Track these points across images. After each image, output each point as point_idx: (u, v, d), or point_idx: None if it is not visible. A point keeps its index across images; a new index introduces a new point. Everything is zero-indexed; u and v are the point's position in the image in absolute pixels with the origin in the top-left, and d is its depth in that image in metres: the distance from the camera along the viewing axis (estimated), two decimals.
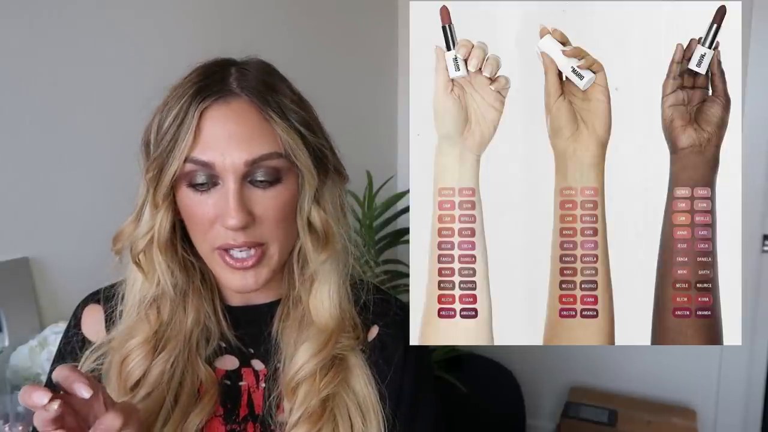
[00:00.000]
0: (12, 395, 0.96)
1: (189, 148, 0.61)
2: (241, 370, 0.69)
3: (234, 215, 0.60)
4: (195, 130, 0.61)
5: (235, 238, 0.62)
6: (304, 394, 0.65)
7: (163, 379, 0.65)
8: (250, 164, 0.61)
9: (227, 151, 0.61)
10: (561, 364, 2.32)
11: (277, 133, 0.63)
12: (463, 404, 1.80)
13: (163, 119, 0.63)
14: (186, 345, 0.67)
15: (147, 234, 0.65)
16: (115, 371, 0.65)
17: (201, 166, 0.61)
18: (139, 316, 0.67)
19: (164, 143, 0.62)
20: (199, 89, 0.62)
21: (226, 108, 0.62)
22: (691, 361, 2.16)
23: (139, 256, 0.66)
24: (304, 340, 0.67)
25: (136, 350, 0.65)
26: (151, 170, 0.63)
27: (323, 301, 0.68)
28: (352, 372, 0.67)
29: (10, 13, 1.05)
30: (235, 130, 0.61)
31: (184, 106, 0.62)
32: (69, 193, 1.16)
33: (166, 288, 0.67)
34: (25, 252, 1.10)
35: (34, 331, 1.07)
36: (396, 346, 0.70)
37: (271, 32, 1.65)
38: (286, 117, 0.64)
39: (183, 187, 0.63)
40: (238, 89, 0.63)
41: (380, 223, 1.89)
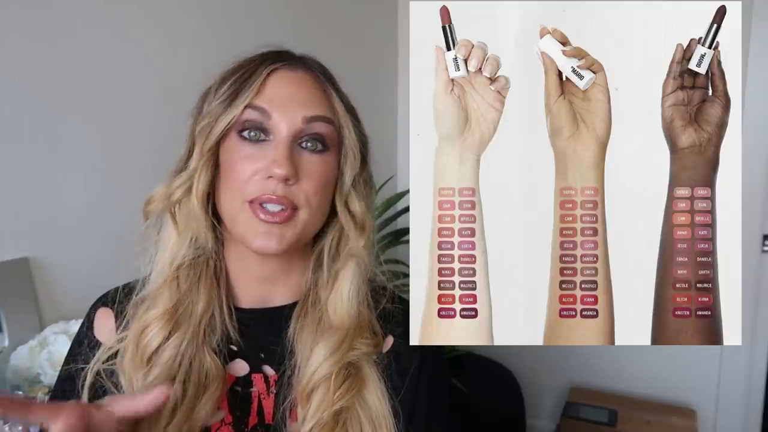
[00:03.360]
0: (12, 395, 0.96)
1: (252, 97, 0.64)
2: (251, 376, 0.68)
3: (282, 164, 0.62)
4: (261, 84, 0.65)
5: (275, 190, 0.62)
6: (318, 403, 0.64)
7: (174, 363, 0.64)
8: (307, 121, 0.64)
9: (286, 105, 0.64)
10: (561, 364, 2.32)
11: (333, 105, 0.67)
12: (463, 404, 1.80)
13: (224, 81, 0.66)
14: (195, 332, 0.66)
15: (186, 183, 0.66)
16: (132, 343, 0.65)
17: (259, 113, 0.64)
18: (164, 282, 0.67)
19: (226, 93, 0.65)
20: (268, 56, 0.67)
21: (293, 74, 0.67)
22: (691, 361, 2.16)
23: (175, 207, 0.67)
24: (319, 341, 0.66)
25: (156, 321, 0.65)
26: (206, 119, 0.65)
27: (342, 299, 0.68)
28: (367, 384, 0.66)
29: (10, 14, 1.05)
30: (297, 91, 0.66)
31: (252, 67, 0.66)
32: (69, 193, 1.16)
33: (194, 253, 0.68)
34: (25, 252, 1.10)
35: (34, 331, 1.07)
36: (411, 359, 0.70)
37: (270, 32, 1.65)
38: (342, 95, 0.69)
39: (233, 137, 0.65)
40: (303, 63, 0.68)
41: (380, 223, 1.89)
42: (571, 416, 2.09)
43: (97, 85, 1.19)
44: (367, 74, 2.17)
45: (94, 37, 1.18)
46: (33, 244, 1.11)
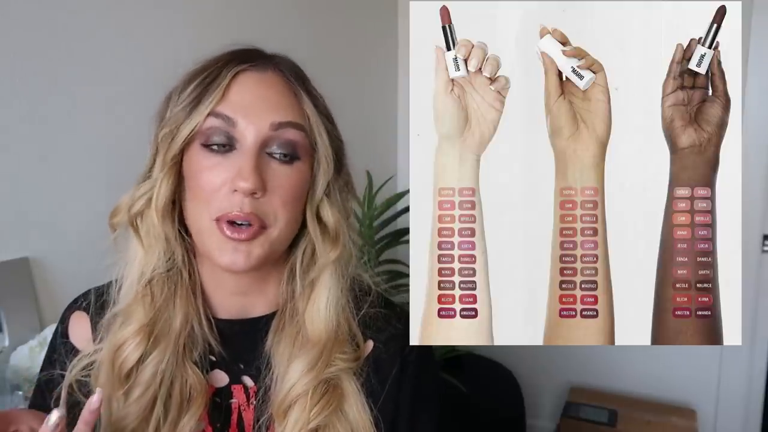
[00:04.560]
0: (12, 395, 0.96)
1: (215, 104, 0.60)
2: (230, 387, 0.67)
3: (248, 177, 0.58)
4: (225, 89, 0.60)
5: (241, 206, 0.59)
6: (294, 420, 0.62)
7: (155, 381, 0.62)
8: (275, 127, 0.60)
9: (253, 111, 0.60)
10: (561, 364, 2.32)
11: (304, 110, 0.63)
12: (463, 404, 1.80)
13: (187, 83, 0.62)
14: (175, 347, 0.64)
15: (145, 195, 0.63)
16: (108, 363, 0.63)
17: (223, 121, 0.59)
18: (135, 297, 0.64)
19: (188, 99, 0.61)
20: (234, 56, 0.63)
21: (260, 76, 0.63)
22: (691, 361, 2.16)
23: (137, 219, 0.63)
24: (297, 357, 0.64)
25: (131, 338, 0.63)
26: (168, 126, 0.61)
27: (320, 310, 0.65)
28: (347, 398, 0.64)
29: (11, 13, 1.05)
30: (264, 95, 0.61)
31: (216, 69, 0.61)
32: (69, 193, 1.16)
33: (163, 266, 0.64)
34: (25, 252, 1.10)
35: (34, 331, 1.07)
36: (391, 364, 0.68)
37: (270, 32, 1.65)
38: (314, 98, 0.65)
39: (196, 147, 0.61)
40: (272, 64, 0.64)
41: (380, 223, 1.89)
42: (571, 416, 2.09)
43: (98, 84, 1.19)
44: (367, 74, 2.17)
45: (94, 37, 1.18)
46: (33, 244, 1.11)
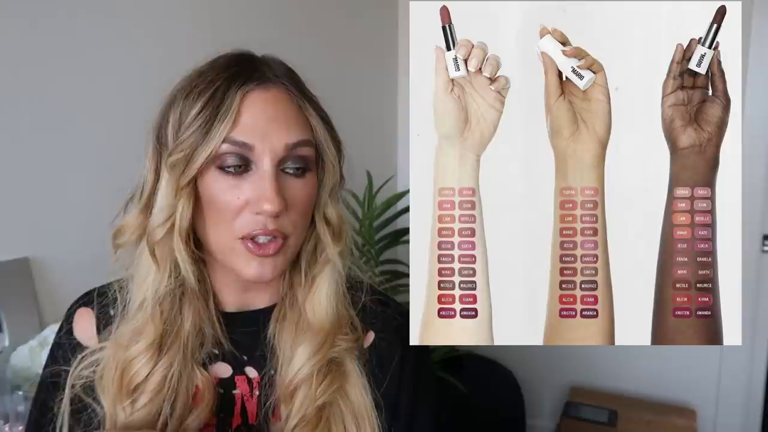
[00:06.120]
0: (12, 395, 0.96)
1: (229, 130, 0.60)
2: (234, 378, 0.68)
3: (273, 200, 0.59)
4: (236, 114, 0.60)
5: (266, 224, 0.61)
6: (301, 400, 0.64)
7: (164, 387, 0.63)
8: (289, 148, 0.61)
9: (267, 134, 0.61)
10: (561, 364, 2.32)
11: (310, 122, 0.65)
12: (463, 404, 1.80)
13: (191, 103, 0.61)
14: (183, 351, 0.65)
15: (166, 222, 0.62)
16: (116, 375, 0.63)
17: (239, 147, 0.60)
18: (145, 316, 0.64)
19: (198, 123, 0.60)
20: (236, 74, 0.62)
21: (266, 93, 0.63)
22: (691, 361, 2.16)
23: (156, 246, 0.63)
24: (301, 343, 0.66)
25: (142, 354, 0.63)
26: (178, 152, 0.61)
27: (320, 301, 0.67)
28: (349, 379, 0.66)
29: (11, 14, 1.05)
30: (275, 114, 0.62)
31: (221, 89, 0.61)
32: (69, 193, 1.16)
33: (174, 283, 0.64)
34: (25, 252, 1.10)
35: (34, 331, 1.07)
36: (392, 353, 0.70)
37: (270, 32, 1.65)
38: (315, 106, 0.66)
39: (211, 172, 0.61)
40: (273, 77, 0.64)
41: (380, 223, 1.89)
42: (571, 416, 2.09)
43: (98, 85, 1.19)
44: (367, 74, 2.17)
45: (95, 37, 1.18)
46: (33, 244, 1.11)
